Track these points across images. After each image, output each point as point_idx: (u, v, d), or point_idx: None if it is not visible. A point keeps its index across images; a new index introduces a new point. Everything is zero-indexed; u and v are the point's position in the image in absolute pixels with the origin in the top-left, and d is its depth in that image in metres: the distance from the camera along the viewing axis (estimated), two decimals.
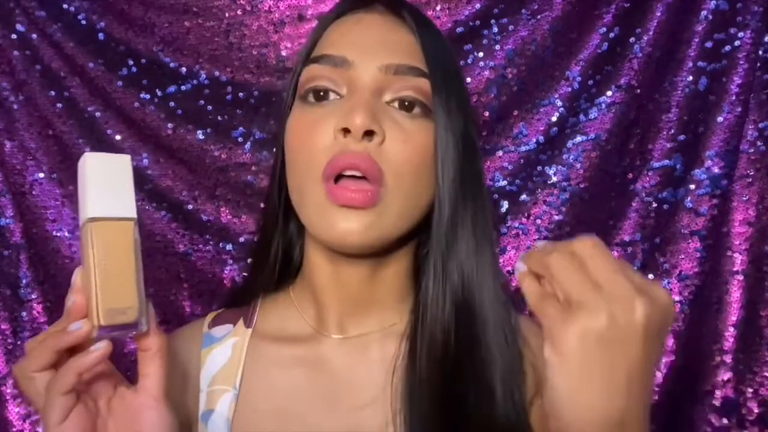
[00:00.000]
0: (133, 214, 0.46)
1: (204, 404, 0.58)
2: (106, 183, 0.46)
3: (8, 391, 1.04)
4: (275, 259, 0.63)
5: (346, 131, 0.52)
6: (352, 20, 0.58)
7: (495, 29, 1.07)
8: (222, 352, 0.60)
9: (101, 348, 0.44)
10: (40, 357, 0.45)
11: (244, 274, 1.06)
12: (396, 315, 0.59)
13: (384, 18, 0.57)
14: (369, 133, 0.52)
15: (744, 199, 1.00)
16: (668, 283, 1.04)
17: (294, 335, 0.60)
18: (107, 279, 0.45)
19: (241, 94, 1.08)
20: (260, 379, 0.58)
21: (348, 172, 0.52)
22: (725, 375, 1.00)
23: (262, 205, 0.67)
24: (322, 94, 0.55)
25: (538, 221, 1.07)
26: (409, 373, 0.55)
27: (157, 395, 0.47)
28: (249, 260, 0.68)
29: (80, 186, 0.46)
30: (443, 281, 0.55)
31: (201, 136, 1.08)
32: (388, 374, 0.56)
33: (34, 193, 1.07)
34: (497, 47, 1.07)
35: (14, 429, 1.04)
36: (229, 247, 1.08)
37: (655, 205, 1.05)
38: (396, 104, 0.54)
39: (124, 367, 1.07)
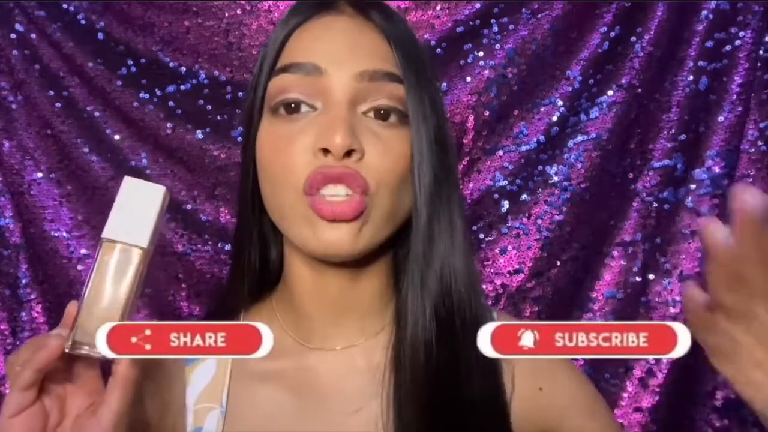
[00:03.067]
0: (144, 243, 0.47)
1: (192, 423, 0.57)
2: (131, 208, 0.48)
3: (8, 392, 1.04)
4: (253, 268, 0.61)
5: (325, 151, 0.51)
6: (320, 25, 0.55)
7: (495, 28, 1.06)
8: (206, 369, 0.59)
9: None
10: (25, 379, 0.45)
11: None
12: (379, 323, 0.59)
13: (353, 21, 0.55)
14: (349, 152, 0.51)
15: None
16: (669, 283, 1.03)
17: (279, 348, 0.58)
18: (96, 300, 0.46)
19: (240, 94, 1.07)
20: (246, 395, 0.58)
21: (331, 189, 0.51)
22: None
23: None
24: (293, 106, 0.53)
25: (539, 221, 1.07)
26: (395, 381, 0.54)
27: (105, 426, 0.45)
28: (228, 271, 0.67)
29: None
30: (422, 286, 0.55)
31: (200, 136, 1.07)
32: (374, 384, 0.55)
33: (32, 193, 1.06)
34: (497, 46, 1.06)
35: None
36: (227, 247, 1.07)
37: (655, 204, 1.05)
38: (372, 114, 0.53)
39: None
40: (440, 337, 0.54)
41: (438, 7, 1.06)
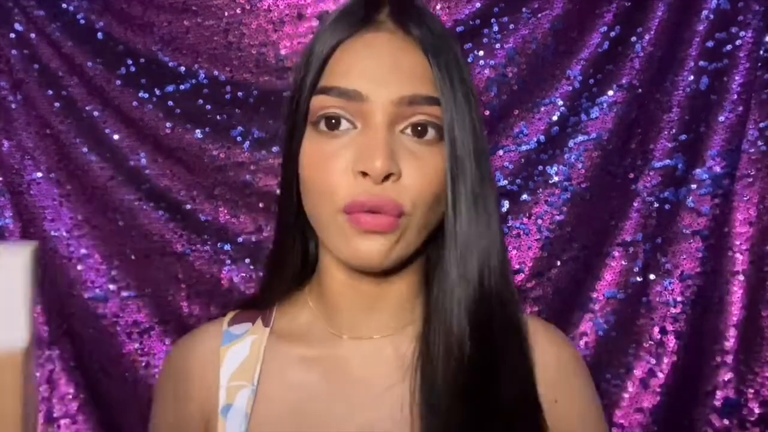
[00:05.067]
0: (24, 341, 0.31)
1: (224, 399, 0.60)
2: None
3: None
4: (293, 268, 0.64)
5: (364, 174, 0.53)
6: (361, 44, 0.56)
7: (495, 28, 1.06)
8: (241, 349, 0.62)
9: None
10: None
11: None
12: (409, 315, 0.61)
13: (394, 38, 0.56)
14: (387, 176, 0.53)
15: (745, 198, 1.00)
16: (670, 283, 1.03)
17: (311, 336, 0.62)
18: None
19: (240, 94, 1.07)
20: (278, 377, 0.60)
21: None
22: (726, 375, 0.99)
23: (275, 210, 0.68)
24: (333, 121, 0.55)
25: (539, 221, 1.06)
26: (425, 372, 0.56)
27: None
28: (265, 266, 0.70)
29: None
30: (458, 285, 0.56)
31: (199, 136, 1.07)
32: (404, 374, 0.57)
33: (32, 192, 1.06)
34: (498, 46, 1.06)
35: None
36: (227, 247, 1.07)
37: (656, 204, 1.05)
38: (409, 130, 0.55)
39: (123, 368, 1.07)
40: (474, 334, 0.56)
41: (438, 7, 1.06)
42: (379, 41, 0.56)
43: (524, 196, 1.07)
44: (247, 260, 1.07)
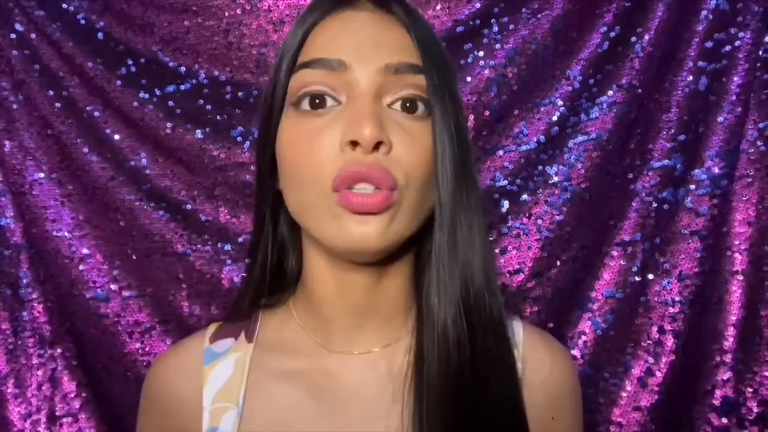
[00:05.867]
0: None
1: (207, 422, 0.57)
2: None
3: (9, 390, 1.04)
4: (265, 269, 0.61)
5: (354, 144, 0.50)
6: (340, 21, 0.54)
7: (495, 28, 1.06)
8: (224, 368, 0.58)
9: None
10: None
11: (243, 274, 1.06)
12: (402, 329, 0.58)
13: (374, 16, 0.54)
14: (377, 145, 0.50)
15: (744, 199, 1.00)
16: (668, 283, 1.04)
17: (297, 350, 0.59)
18: None
19: (240, 94, 1.07)
20: (264, 396, 0.57)
21: (360, 186, 0.50)
22: (725, 374, 1.00)
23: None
24: (318, 101, 0.52)
25: (539, 221, 1.07)
26: (417, 386, 0.54)
27: None
28: (246, 266, 0.67)
29: None
30: (446, 287, 0.53)
31: (200, 136, 1.08)
32: (395, 388, 0.55)
33: (34, 192, 1.07)
34: (497, 46, 1.06)
35: (15, 428, 1.04)
36: (227, 247, 1.08)
37: (655, 205, 1.05)
38: (398, 105, 0.52)
39: (124, 367, 1.08)
40: (464, 340, 0.53)
41: (438, 7, 1.06)
42: (358, 18, 0.54)
43: (524, 196, 1.07)
44: (248, 260, 1.07)
